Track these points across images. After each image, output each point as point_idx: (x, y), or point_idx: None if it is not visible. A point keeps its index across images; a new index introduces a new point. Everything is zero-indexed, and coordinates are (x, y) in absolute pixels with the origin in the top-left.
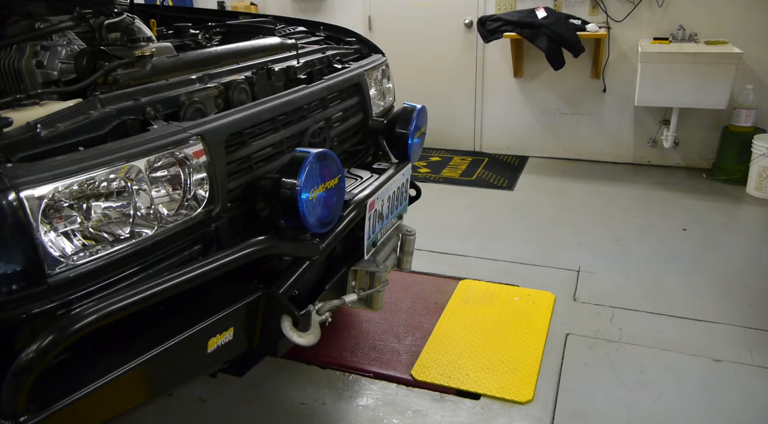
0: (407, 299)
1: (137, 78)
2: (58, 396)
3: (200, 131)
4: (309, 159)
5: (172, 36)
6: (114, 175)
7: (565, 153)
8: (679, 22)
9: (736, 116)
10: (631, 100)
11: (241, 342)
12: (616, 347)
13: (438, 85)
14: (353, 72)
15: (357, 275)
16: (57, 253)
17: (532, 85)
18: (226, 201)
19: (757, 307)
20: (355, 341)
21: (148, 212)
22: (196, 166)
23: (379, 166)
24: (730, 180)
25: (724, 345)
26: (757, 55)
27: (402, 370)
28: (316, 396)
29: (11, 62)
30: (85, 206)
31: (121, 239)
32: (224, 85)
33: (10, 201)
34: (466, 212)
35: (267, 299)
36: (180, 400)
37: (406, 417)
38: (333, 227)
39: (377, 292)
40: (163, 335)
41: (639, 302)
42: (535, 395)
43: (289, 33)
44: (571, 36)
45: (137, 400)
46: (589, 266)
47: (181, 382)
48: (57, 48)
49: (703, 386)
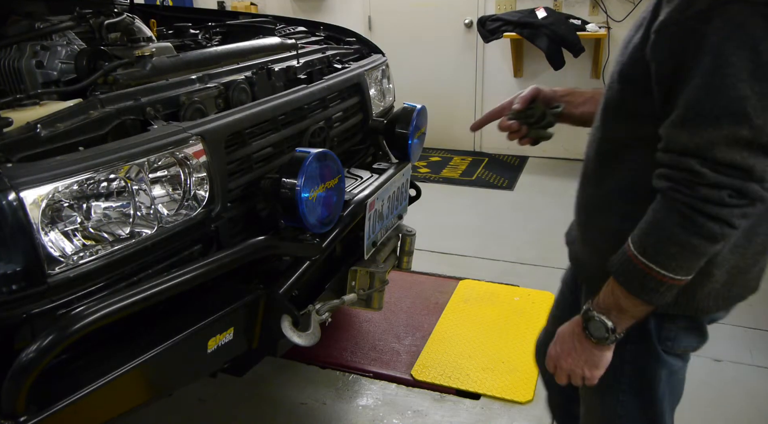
0: (407, 299)
1: (137, 78)
2: (58, 396)
3: (200, 131)
4: (309, 159)
5: (172, 36)
6: (114, 175)
7: (565, 153)
8: None
9: None
10: None
11: (241, 342)
12: None
13: (438, 85)
14: (353, 72)
15: (357, 275)
16: (57, 253)
17: (532, 85)
18: (226, 201)
19: (757, 307)
20: (355, 341)
21: (148, 211)
22: (196, 166)
23: (379, 166)
24: None
25: (724, 345)
26: None
27: (402, 370)
28: (316, 396)
29: (11, 62)
30: (85, 206)
31: (121, 239)
32: (224, 85)
33: (10, 201)
34: (466, 211)
35: (267, 298)
36: (180, 400)
37: (406, 417)
38: (333, 226)
39: (377, 292)
40: (163, 335)
41: None
42: (536, 395)
43: (289, 33)
44: (571, 36)
45: (137, 400)
46: None
47: (181, 382)
48: (57, 48)
49: (703, 386)
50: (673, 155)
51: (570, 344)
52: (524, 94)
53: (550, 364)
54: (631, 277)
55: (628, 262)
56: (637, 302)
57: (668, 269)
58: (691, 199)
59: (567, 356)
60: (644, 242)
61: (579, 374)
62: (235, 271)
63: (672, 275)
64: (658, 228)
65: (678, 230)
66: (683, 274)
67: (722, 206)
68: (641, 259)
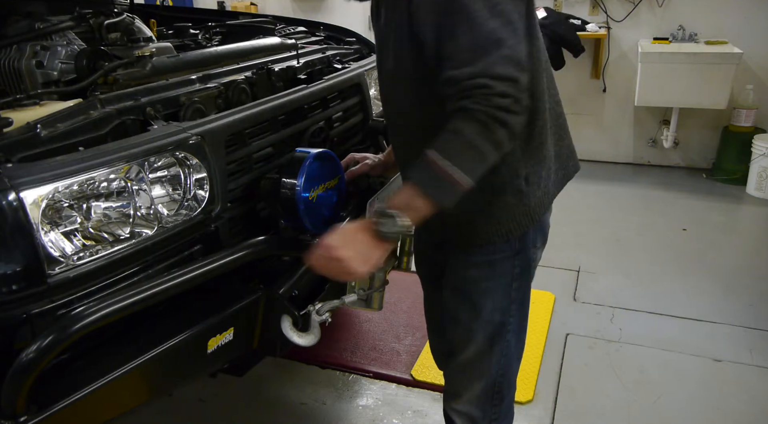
0: (407, 299)
1: (137, 78)
2: (58, 396)
3: (200, 131)
4: (309, 159)
5: (172, 36)
6: (114, 176)
7: None
8: (679, 22)
9: (736, 116)
10: (631, 100)
11: (241, 342)
12: (616, 347)
13: None
14: (353, 72)
15: None
16: (57, 253)
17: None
18: (226, 201)
19: (757, 307)
20: (355, 341)
21: (148, 212)
22: (196, 167)
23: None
24: (730, 180)
25: (724, 345)
26: (757, 55)
27: (402, 370)
28: (316, 396)
29: (11, 62)
30: (85, 206)
31: (121, 239)
32: (224, 85)
33: (11, 201)
34: None
35: (267, 299)
36: (180, 400)
37: (406, 417)
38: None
39: (377, 292)
40: (163, 335)
41: (639, 302)
42: (535, 395)
43: (289, 33)
44: (571, 36)
45: (137, 400)
46: (589, 266)
47: (181, 382)
48: (57, 48)
49: (703, 386)
50: (465, 82)
51: (352, 236)
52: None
53: (321, 251)
54: (429, 179)
55: (428, 166)
56: (428, 201)
57: (464, 171)
58: (488, 107)
59: (344, 247)
60: (446, 147)
61: (347, 267)
62: (235, 271)
63: (466, 177)
64: (459, 136)
65: (475, 137)
66: (471, 177)
67: (509, 113)
68: (442, 163)
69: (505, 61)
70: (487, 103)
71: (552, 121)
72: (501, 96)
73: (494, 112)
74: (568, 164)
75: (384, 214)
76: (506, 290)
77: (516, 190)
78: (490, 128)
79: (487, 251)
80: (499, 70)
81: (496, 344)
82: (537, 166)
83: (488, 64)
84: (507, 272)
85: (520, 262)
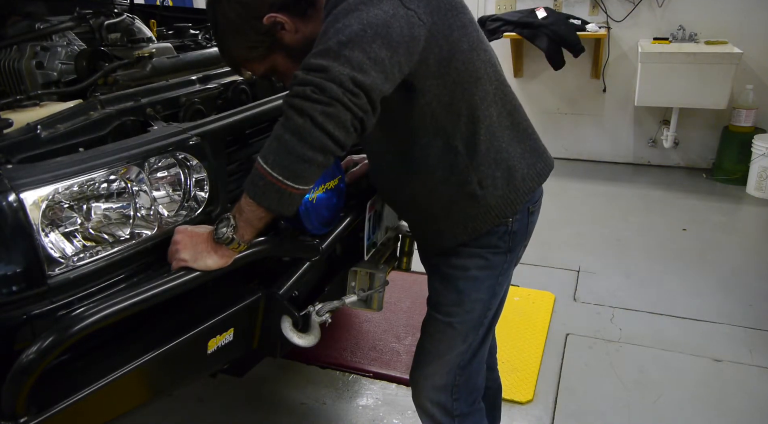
0: (407, 299)
1: (137, 79)
2: (58, 397)
3: (200, 132)
4: None
5: (172, 36)
6: (114, 177)
7: (565, 153)
8: (679, 22)
9: (736, 116)
10: (631, 100)
11: (241, 343)
12: (616, 347)
13: None
14: None
15: (357, 275)
16: (57, 254)
17: (532, 85)
18: (226, 202)
19: (757, 307)
20: (355, 341)
21: (149, 213)
22: (196, 167)
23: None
24: (730, 180)
25: (724, 345)
26: (757, 55)
27: (402, 370)
28: (317, 396)
29: (11, 63)
30: (86, 207)
31: (122, 240)
32: (224, 85)
33: (11, 202)
34: None
35: (267, 299)
36: (180, 400)
37: (406, 417)
38: (333, 227)
39: (377, 292)
40: (163, 336)
41: (639, 302)
42: (535, 395)
43: None
44: (571, 36)
45: (137, 401)
46: (589, 266)
47: (181, 383)
48: (57, 49)
49: (703, 386)
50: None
51: (195, 236)
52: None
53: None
54: (250, 179)
55: (255, 173)
56: (251, 202)
57: (269, 164)
58: (287, 97)
59: (184, 247)
60: (265, 150)
61: (182, 265)
62: (235, 272)
63: (270, 171)
64: (273, 136)
65: (277, 128)
66: (279, 171)
67: (305, 100)
68: (258, 161)
69: (321, 54)
70: (288, 94)
71: (503, 129)
72: (300, 84)
73: (291, 100)
74: (545, 156)
75: (222, 218)
76: (492, 284)
77: (469, 195)
78: (286, 115)
79: (482, 243)
80: (311, 61)
81: (469, 336)
82: (490, 169)
83: (305, 60)
84: (498, 265)
85: (511, 259)
